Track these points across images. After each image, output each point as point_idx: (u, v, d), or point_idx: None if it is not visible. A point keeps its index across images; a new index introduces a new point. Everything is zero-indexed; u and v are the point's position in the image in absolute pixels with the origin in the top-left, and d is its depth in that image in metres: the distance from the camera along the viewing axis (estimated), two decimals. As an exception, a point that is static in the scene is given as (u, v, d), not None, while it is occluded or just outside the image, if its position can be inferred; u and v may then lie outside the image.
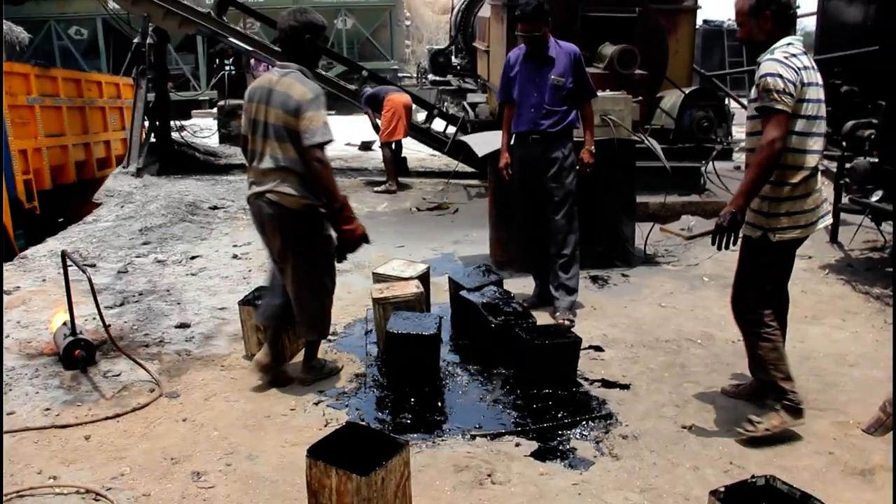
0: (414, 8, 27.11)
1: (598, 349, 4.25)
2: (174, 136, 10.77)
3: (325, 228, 3.65)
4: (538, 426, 3.40)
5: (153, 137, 10.00)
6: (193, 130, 12.64)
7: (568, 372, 3.78)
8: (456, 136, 9.36)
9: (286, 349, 3.97)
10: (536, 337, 3.79)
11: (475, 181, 9.21)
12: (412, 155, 10.48)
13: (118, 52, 16.09)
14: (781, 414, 3.22)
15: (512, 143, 4.79)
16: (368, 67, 11.38)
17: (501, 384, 3.83)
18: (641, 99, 6.21)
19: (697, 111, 7.49)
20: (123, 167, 9.28)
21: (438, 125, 10.28)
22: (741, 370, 3.75)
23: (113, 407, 3.56)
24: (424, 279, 4.53)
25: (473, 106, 9.93)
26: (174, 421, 3.46)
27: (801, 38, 3.14)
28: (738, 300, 3.38)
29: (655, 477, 2.99)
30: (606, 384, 3.83)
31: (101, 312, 3.92)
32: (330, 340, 4.27)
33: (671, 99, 7.70)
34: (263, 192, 3.53)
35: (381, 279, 4.49)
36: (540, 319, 4.28)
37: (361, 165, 10.61)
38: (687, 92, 7.63)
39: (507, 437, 3.31)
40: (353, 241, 3.61)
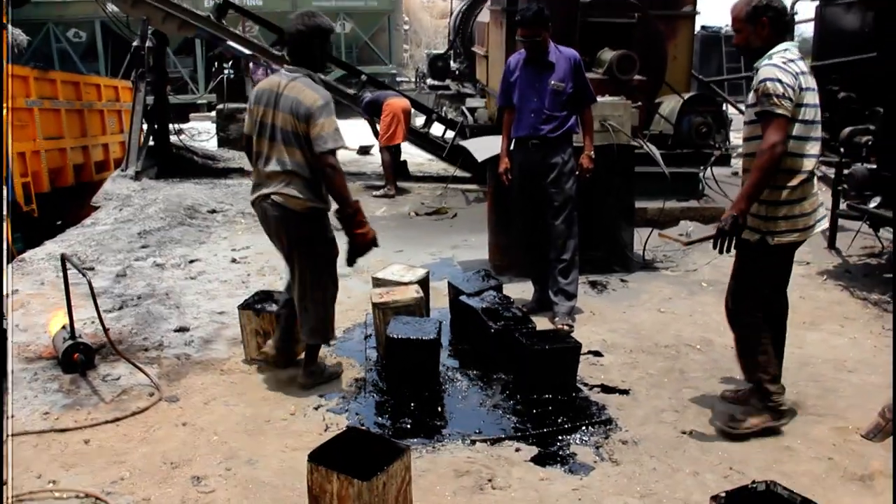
0: (412, 12, 27.19)
1: (597, 354, 4.26)
2: (173, 139, 10.75)
3: (328, 231, 3.66)
4: (538, 431, 3.40)
5: (152, 141, 9.97)
6: (192, 134, 12.64)
7: (567, 377, 3.78)
8: (454, 140, 9.37)
9: (296, 343, 3.97)
10: (536, 342, 3.79)
11: (474, 186, 9.21)
12: (410, 160, 10.49)
13: (117, 54, 16.16)
14: (764, 414, 3.30)
15: (511, 147, 4.80)
16: (367, 71, 11.39)
17: (501, 389, 3.83)
18: (640, 104, 6.23)
19: (696, 117, 7.52)
20: (122, 170, 9.25)
21: (437, 130, 10.29)
22: (740, 376, 3.75)
23: (112, 411, 3.55)
24: (424, 284, 4.53)
25: (472, 110, 9.92)
26: (174, 425, 3.46)
27: (797, 43, 3.18)
28: (733, 303, 3.40)
29: (655, 482, 2.99)
30: (606, 389, 3.83)
31: (100, 316, 3.92)
32: (330, 345, 4.27)
33: (670, 104, 7.73)
34: (268, 194, 3.55)
35: (380, 284, 4.49)
36: (539, 324, 4.28)
37: (359, 170, 10.61)
38: (686, 97, 7.66)
39: (507, 442, 3.31)
40: (364, 244, 3.62)
